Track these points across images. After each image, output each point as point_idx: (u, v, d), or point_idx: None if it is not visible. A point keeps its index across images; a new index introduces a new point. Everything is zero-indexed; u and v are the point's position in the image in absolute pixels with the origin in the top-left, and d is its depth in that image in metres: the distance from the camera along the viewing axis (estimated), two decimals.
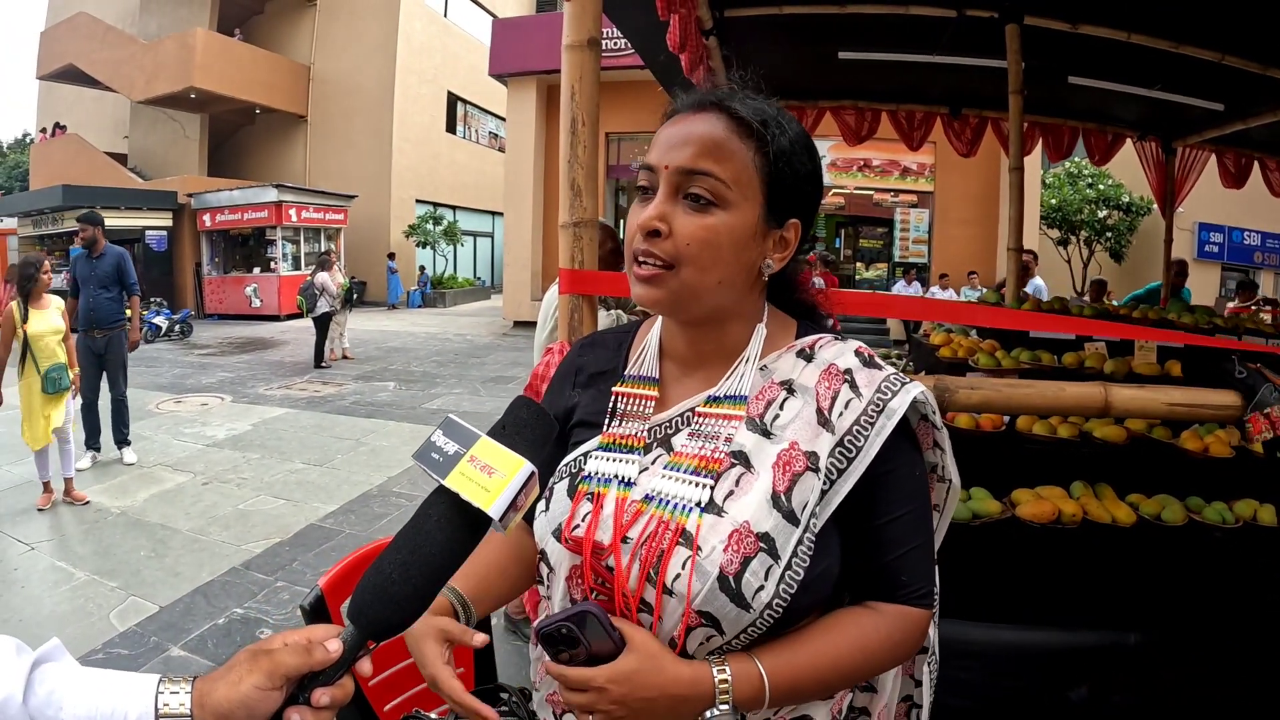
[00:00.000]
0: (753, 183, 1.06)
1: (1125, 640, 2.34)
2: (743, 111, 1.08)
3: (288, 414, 9.22)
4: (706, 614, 1.00)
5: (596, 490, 1.12)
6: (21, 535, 5.34)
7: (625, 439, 1.16)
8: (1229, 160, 7.31)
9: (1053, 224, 19.46)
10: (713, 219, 1.04)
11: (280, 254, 21.84)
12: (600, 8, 2.23)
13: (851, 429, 1.07)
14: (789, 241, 1.14)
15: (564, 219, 2.18)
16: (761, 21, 4.68)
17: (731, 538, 1.01)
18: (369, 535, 5.33)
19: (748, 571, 0.99)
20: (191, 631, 4.02)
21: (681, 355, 1.20)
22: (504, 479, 0.90)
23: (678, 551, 1.02)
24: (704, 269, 1.05)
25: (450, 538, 0.91)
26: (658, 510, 1.06)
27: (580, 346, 1.37)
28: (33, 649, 0.85)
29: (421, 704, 1.83)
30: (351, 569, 1.77)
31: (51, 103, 30.28)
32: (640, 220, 1.07)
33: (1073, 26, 4.52)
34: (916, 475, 1.14)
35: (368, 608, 0.89)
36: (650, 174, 1.09)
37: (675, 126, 1.09)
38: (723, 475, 1.06)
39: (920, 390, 1.11)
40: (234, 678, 0.83)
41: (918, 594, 1.10)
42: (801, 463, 1.05)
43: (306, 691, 0.86)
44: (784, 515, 1.02)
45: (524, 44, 18.09)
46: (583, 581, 1.10)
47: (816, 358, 1.14)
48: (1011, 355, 3.71)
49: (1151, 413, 2.09)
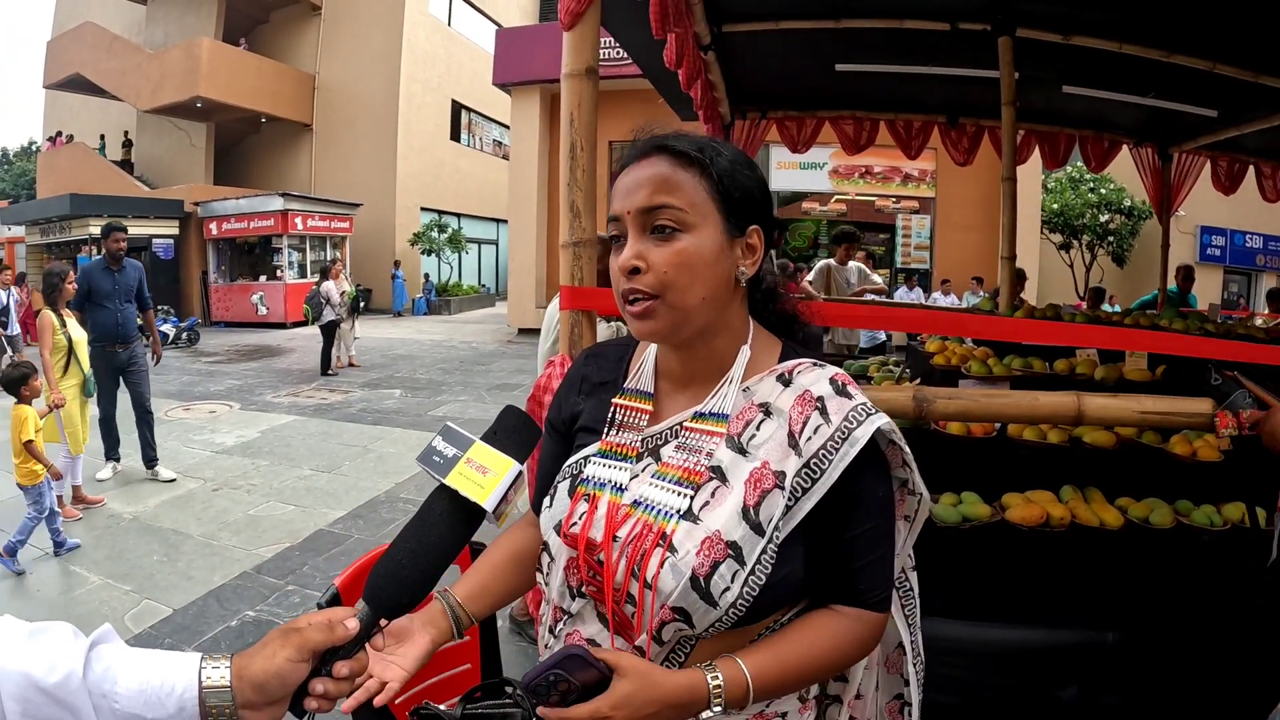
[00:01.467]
0: (706, 203, 1.17)
1: (1112, 640, 2.40)
2: (680, 146, 1.19)
3: (295, 421, 9.28)
4: (679, 609, 1.12)
5: (593, 493, 1.25)
6: (35, 540, 5.41)
7: (620, 448, 1.28)
8: (1223, 166, 7.37)
9: (1055, 228, 19.47)
10: (681, 243, 1.15)
11: (286, 262, 21.89)
12: (598, 39, 2.32)
13: (818, 453, 1.16)
14: (755, 247, 1.23)
15: (564, 239, 2.26)
16: (759, 36, 4.75)
17: (704, 544, 1.12)
18: (377, 540, 5.38)
19: (716, 574, 1.11)
20: (204, 634, 4.09)
21: (674, 373, 1.30)
22: (496, 477, 1.09)
23: (657, 552, 1.13)
24: (685, 289, 1.15)
25: (451, 529, 1.09)
26: (644, 515, 1.18)
27: (585, 357, 1.49)
28: (51, 622, 0.95)
29: (432, 696, 1.89)
30: (364, 569, 1.83)
31: (57, 111, 30.40)
32: (620, 262, 1.18)
33: (1065, 38, 4.59)
34: (879, 495, 1.23)
35: (380, 590, 1.06)
36: (617, 223, 1.21)
37: (626, 177, 1.21)
38: (701, 487, 1.18)
39: (884, 421, 1.20)
40: (269, 652, 0.97)
41: (876, 599, 1.22)
42: (770, 480, 1.16)
43: (328, 664, 1.02)
44: (751, 526, 1.14)
45: (528, 53, 18.10)
46: (578, 572, 1.23)
47: (794, 383, 1.23)
48: (1004, 362, 3.77)
49: (1125, 420, 2.16)
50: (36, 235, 22.98)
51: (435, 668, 1.93)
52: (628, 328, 1.22)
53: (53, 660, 0.88)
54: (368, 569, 1.82)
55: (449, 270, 28.04)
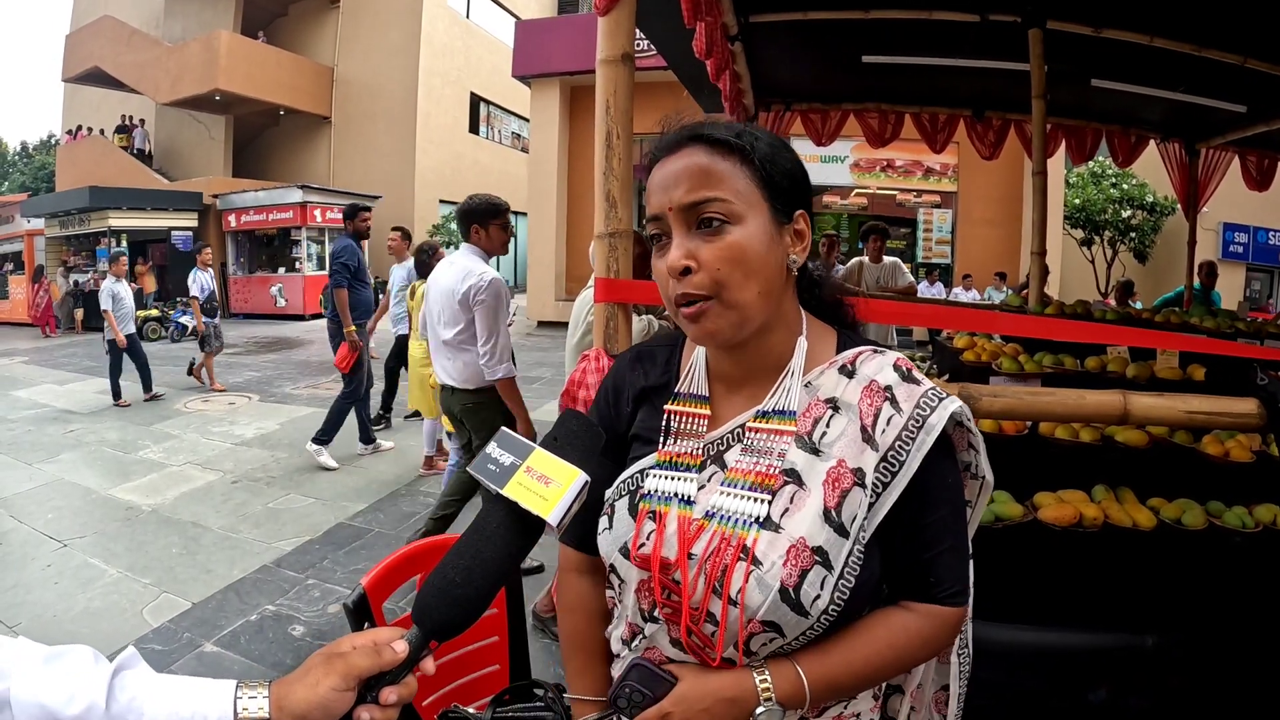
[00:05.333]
0: (751, 191, 1.11)
1: (1144, 643, 2.36)
2: (717, 134, 1.13)
3: (315, 413, 9.26)
4: (769, 622, 1.07)
5: (658, 508, 1.18)
6: (54, 533, 5.42)
7: (680, 457, 1.21)
8: (1252, 162, 7.28)
9: (1076, 224, 19.36)
10: (731, 236, 1.09)
11: (305, 254, 21.96)
12: (633, 24, 2.27)
13: (894, 445, 1.12)
14: (803, 233, 1.18)
15: (599, 229, 2.22)
16: (786, 27, 4.71)
17: (790, 553, 1.08)
18: (398, 533, 5.40)
19: (805, 583, 1.07)
20: (224, 628, 4.08)
21: (728, 373, 1.25)
22: (560, 488, 0.98)
23: (740, 566, 1.08)
24: (741, 285, 1.09)
25: (508, 543, 0.98)
26: (719, 526, 1.12)
27: (630, 361, 1.41)
28: (69, 646, 0.89)
29: (459, 699, 1.87)
30: (393, 569, 1.81)
31: (76, 104, 30.53)
32: (668, 263, 1.12)
33: (1096, 30, 4.53)
34: (950, 483, 1.18)
35: (432, 609, 0.95)
36: (658, 222, 1.15)
37: (662, 170, 1.15)
38: (778, 492, 1.12)
39: (957, 405, 1.16)
40: (311, 680, 0.89)
41: (949, 593, 1.16)
42: (849, 479, 1.11)
43: (374, 690, 0.91)
44: (835, 529, 1.09)
45: (547, 46, 18.08)
46: (650, 595, 1.17)
47: (858, 374, 1.19)
48: (1034, 359, 3.73)
49: (1170, 420, 2.12)
50: (56, 228, 23.06)
51: (463, 669, 1.91)
52: (670, 325, 1.18)
53: (72, 689, 0.83)
54: (395, 568, 1.83)
55: None
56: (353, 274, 7.19)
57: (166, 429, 8.61)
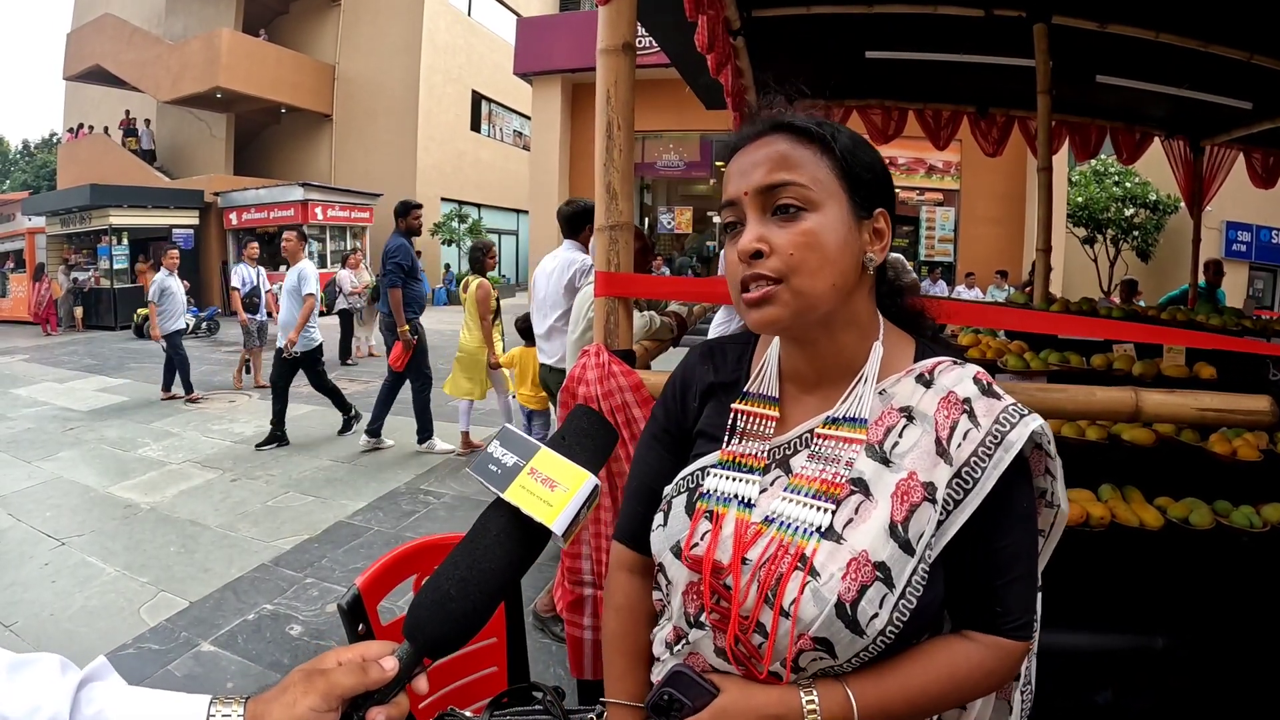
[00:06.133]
0: (831, 181, 1.08)
1: (1151, 644, 2.34)
2: (799, 123, 1.11)
3: (315, 410, 9.27)
4: (821, 639, 1.02)
5: (716, 509, 1.13)
6: (51, 531, 5.41)
7: (744, 458, 1.17)
8: (1257, 159, 7.24)
9: (1079, 222, 19.33)
10: (807, 223, 1.06)
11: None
12: (635, 13, 2.24)
13: (969, 460, 1.07)
14: (882, 232, 1.14)
15: (600, 222, 2.19)
16: (789, 21, 4.68)
17: (850, 566, 1.02)
18: (397, 532, 5.37)
19: (864, 600, 1.01)
20: (222, 627, 4.06)
21: (800, 374, 1.20)
22: (567, 493, 0.90)
23: (796, 576, 1.03)
24: (814, 274, 1.06)
25: (509, 552, 0.91)
26: (778, 533, 1.08)
27: (700, 355, 1.36)
28: (65, 648, 0.85)
29: (456, 701, 1.84)
30: (388, 569, 1.78)
31: (78, 102, 30.57)
32: (740, 246, 1.08)
33: (1101, 26, 4.49)
34: (1025, 506, 1.13)
35: (425, 624, 0.88)
36: (733, 208, 1.11)
37: (743, 158, 1.12)
38: (843, 502, 1.07)
39: (1038, 423, 1.10)
40: (289, 699, 0.82)
41: (1016, 625, 1.10)
42: (919, 493, 1.06)
43: (360, 711, 0.85)
44: (900, 545, 1.04)
45: (548, 43, 18.14)
46: (699, 598, 1.12)
47: (936, 384, 1.14)
48: (1040, 357, 3.70)
49: (1182, 418, 2.08)
50: (57, 226, 23.05)
51: (460, 670, 1.89)
52: (671, 322, 1.14)
53: (36, 701, 0.78)
54: (390, 569, 1.79)
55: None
56: (406, 272, 7.29)
57: (166, 427, 8.60)
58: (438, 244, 26.04)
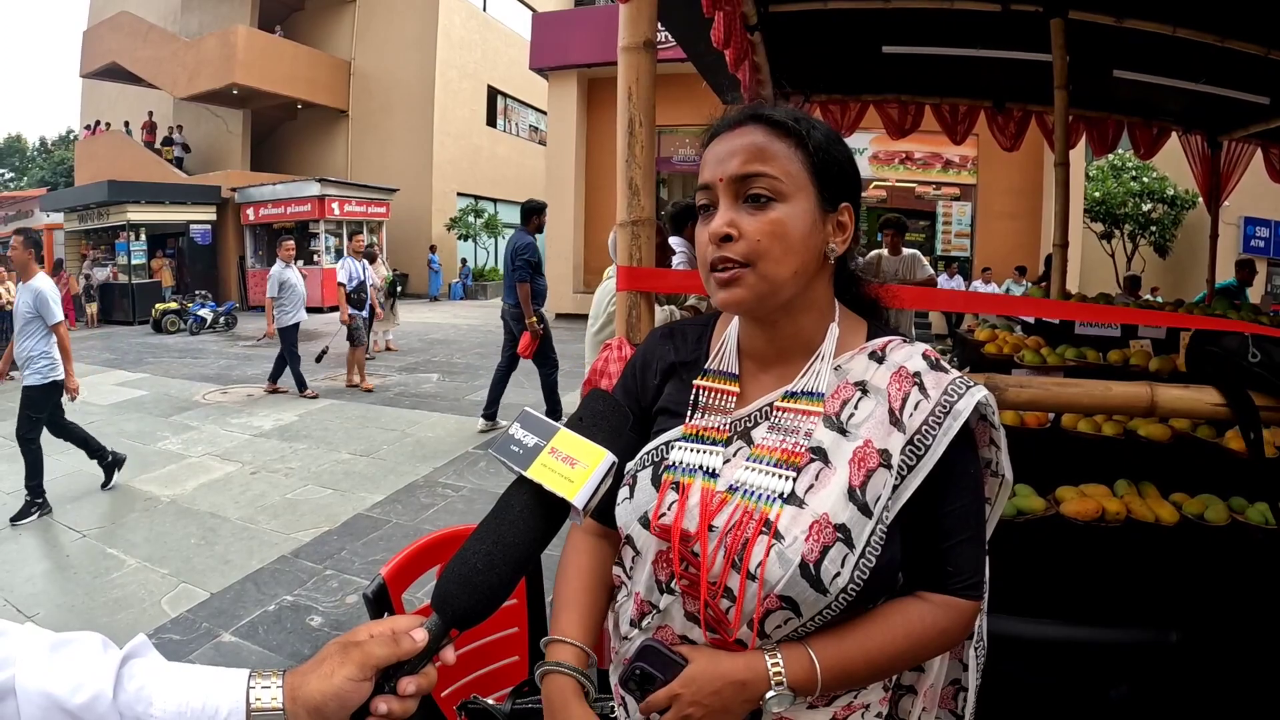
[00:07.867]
0: (801, 174, 1.14)
1: (1166, 639, 2.34)
2: (777, 116, 1.16)
3: (333, 405, 9.34)
4: (787, 598, 1.07)
5: (682, 480, 1.18)
6: (73, 523, 5.48)
7: (707, 431, 1.22)
8: (1275, 154, 7.19)
9: (1096, 217, 19.19)
10: (775, 213, 1.12)
11: (323, 247, 22.07)
12: (655, 11, 2.26)
13: (920, 428, 1.14)
14: (845, 225, 1.21)
15: (622, 217, 2.21)
16: (806, 17, 4.68)
17: (812, 528, 1.08)
18: (416, 525, 5.42)
19: (826, 559, 1.07)
20: (242, 618, 4.11)
21: (759, 352, 1.26)
22: (586, 469, 0.96)
23: (762, 540, 1.08)
24: (778, 260, 1.12)
25: (532, 528, 0.96)
26: (743, 500, 1.13)
27: (661, 336, 1.43)
28: (78, 633, 0.85)
29: (479, 689, 1.87)
30: (412, 559, 1.81)
31: (95, 99, 30.73)
32: (711, 229, 1.15)
33: (1118, 20, 4.47)
34: (971, 473, 1.20)
35: (453, 597, 0.92)
36: (707, 192, 1.18)
37: (719, 145, 1.18)
38: (803, 469, 1.13)
39: (984, 394, 1.18)
40: (326, 670, 0.85)
41: (966, 584, 1.17)
42: (875, 459, 1.12)
43: (392, 680, 0.88)
44: (859, 508, 1.10)
45: (564, 38, 18.09)
46: (668, 566, 1.17)
47: (887, 360, 1.21)
48: (1056, 352, 3.70)
49: (1198, 413, 2.09)
50: (75, 222, 23.30)
51: (483, 660, 1.92)
52: (708, 302, 1.18)
53: (79, 678, 0.79)
54: (415, 558, 1.83)
55: (485, 255, 28.13)
56: (534, 268, 7.75)
57: (185, 420, 8.67)
58: (454, 239, 26.10)
